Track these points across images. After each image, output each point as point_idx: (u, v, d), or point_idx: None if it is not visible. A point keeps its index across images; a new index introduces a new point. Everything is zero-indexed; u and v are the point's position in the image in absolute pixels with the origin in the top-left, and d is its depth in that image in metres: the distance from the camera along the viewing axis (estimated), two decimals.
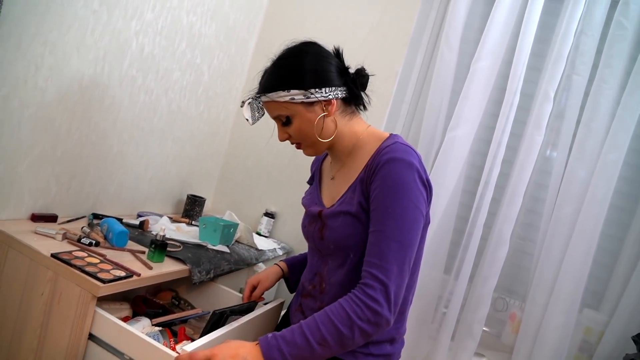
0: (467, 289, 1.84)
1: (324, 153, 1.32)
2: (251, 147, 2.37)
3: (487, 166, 1.82)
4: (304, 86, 1.08)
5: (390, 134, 1.15)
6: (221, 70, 2.19)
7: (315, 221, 1.20)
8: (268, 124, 1.14)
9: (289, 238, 2.26)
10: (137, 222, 1.77)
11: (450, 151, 1.83)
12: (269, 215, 2.25)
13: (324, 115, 1.11)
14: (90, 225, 1.61)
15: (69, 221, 1.61)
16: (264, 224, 2.24)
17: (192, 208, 2.11)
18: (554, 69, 1.71)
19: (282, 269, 1.46)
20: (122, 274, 1.29)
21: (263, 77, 1.16)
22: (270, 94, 1.11)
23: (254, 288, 1.43)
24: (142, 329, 1.32)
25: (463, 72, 1.92)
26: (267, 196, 2.32)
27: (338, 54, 1.16)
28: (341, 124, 1.14)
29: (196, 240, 1.75)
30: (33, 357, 1.26)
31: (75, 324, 1.21)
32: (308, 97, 1.08)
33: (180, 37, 1.89)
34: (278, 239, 2.27)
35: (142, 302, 1.53)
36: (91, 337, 1.22)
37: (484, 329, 1.83)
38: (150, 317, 1.42)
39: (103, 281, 1.20)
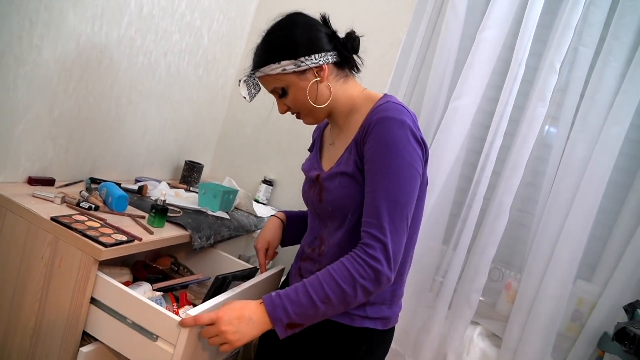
0: (465, 259, 1.86)
1: (325, 121, 1.32)
2: (250, 113, 2.33)
3: (489, 138, 1.81)
4: (294, 55, 1.09)
5: (384, 94, 1.15)
6: (221, 34, 2.14)
7: (314, 185, 1.20)
8: (266, 93, 1.17)
9: (287, 205, 2.25)
10: (135, 187, 1.74)
11: (452, 122, 1.81)
12: (268, 182, 2.24)
13: (317, 81, 1.11)
14: (88, 189, 1.58)
15: (66, 185, 1.59)
16: (262, 191, 2.23)
17: (190, 174, 2.09)
18: (560, 39, 1.68)
19: (282, 220, 1.44)
20: (124, 238, 1.27)
21: (255, 54, 1.17)
22: (262, 69, 1.13)
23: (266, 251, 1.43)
24: (144, 293, 1.32)
25: (467, 42, 1.88)
26: (266, 163, 2.30)
27: (325, 21, 1.16)
28: (335, 89, 1.15)
29: (196, 206, 1.73)
30: (35, 320, 1.26)
31: (76, 288, 1.20)
32: (299, 66, 1.09)
33: None
34: (276, 206, 2.26)
35: (142, 267, 1.52)
36: (93, 301, 1.21)
37: (480, 298, 1.85)
38: (151, 282, 1.42)
39: (105, 245, 1.19)
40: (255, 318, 1.00)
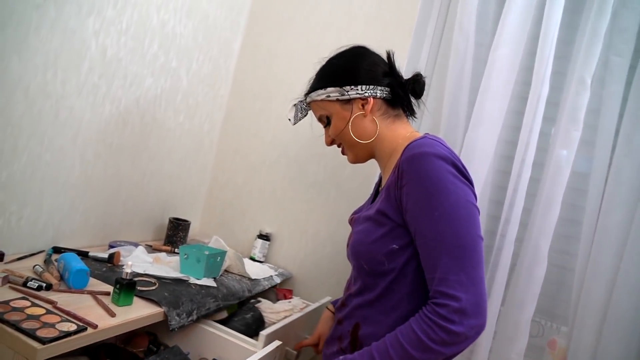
0: (499, 313, 1.56)
1: None
2: (241, 160, 2.10)
3: (514, 170, 1.54)
4: (340, 83, 1.08)
5: (425, 134, 1.06)
6: (202, 75, 1.93)
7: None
8: (257, 135, 1.01)
9: (287, 262, 1.98)
10: (105, 255, 1.49)
11: (472, 155, 1.55)
12: (264, 237, 1.97)
13: (361, 114, 1.07)
14: (46, 262, 1.34)
15: (20, 259, 1.34)
16: (259, 247, 1.96)
17: (175, 233, 1.84)
18: (588, 50, 1.44)
19: (331, 311, 1.35)
20: (72, 327, 1.01)
21: (310, 79, 1.17)
22: (311, 94, 1.14)
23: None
24: None
25: (480, 67, 1.65)
26: (261, 216, 2.04)
27: (389, 57, 1.12)
28: (382, 127, 1.08)
29: (177, 275, 1.47)
30: None
31: None
32: (343, 95, 1.07)
33: (150, 37, 1.64)
34: (275, 263, 1.99)
35: (104, 355, 1.25)
36: None
37: None
38: None
39: (42, 341, 0.93)
40: None
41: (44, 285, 1.17)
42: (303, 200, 1.96)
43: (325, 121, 1.14)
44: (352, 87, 1.06)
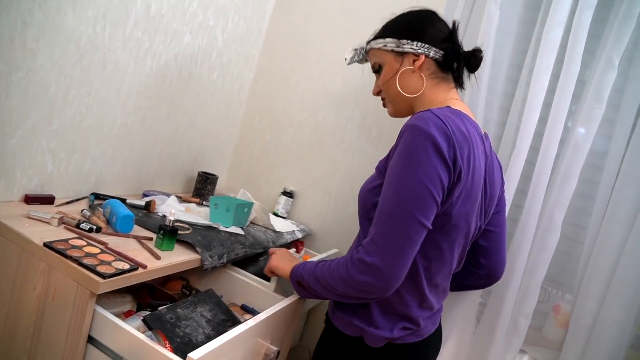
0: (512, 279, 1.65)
1: None
2: (269, 119, 2.16)
3: (542, 148, 1.59)
4: (398, 36, 1.13)
5: (447, 106, 1.06)
6: (236, 35, 1.97)
7: None
8: (286, 96, 1.06)
9: (308, 219, 2.08)
10: (142, 202, 1.59)
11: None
12: (287, 194, 2.07)
13: (410, 69, 1.11)
14: (91, 207, 1.44)
15: (68, 202, 1.44)
16: (282, 203, 2.06)
17: (203, 186, 1.93)
18: (619, 30, 1.47)
19: None
20: (126, 266, 1.12)
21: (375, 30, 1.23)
22: (371, 42, 1.20)
23: None
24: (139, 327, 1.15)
25: (501, 39, 1.68)
26: (286, 174, 2.13)
27: (453, 26, 1.15)
28: (427, 86, 1.12)
29: (207, 222, 1.57)
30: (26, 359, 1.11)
31: (72, 325, 1.05)
32: (398, 46, 1.12)
33: None
34: (297, 220, 2.09)
35: (147, 293, 1.36)
36: (90, 339, 1.06)
37: None
38: (154, 310, 1.25)
39: (103, 276, 1.04)
40: (291, 263, 1.20)
41: (94, 227, 1.28)
42: (328, 161, 2.03)
43: (377, 69, 1.19)
44: (409, 41, 1.10)
